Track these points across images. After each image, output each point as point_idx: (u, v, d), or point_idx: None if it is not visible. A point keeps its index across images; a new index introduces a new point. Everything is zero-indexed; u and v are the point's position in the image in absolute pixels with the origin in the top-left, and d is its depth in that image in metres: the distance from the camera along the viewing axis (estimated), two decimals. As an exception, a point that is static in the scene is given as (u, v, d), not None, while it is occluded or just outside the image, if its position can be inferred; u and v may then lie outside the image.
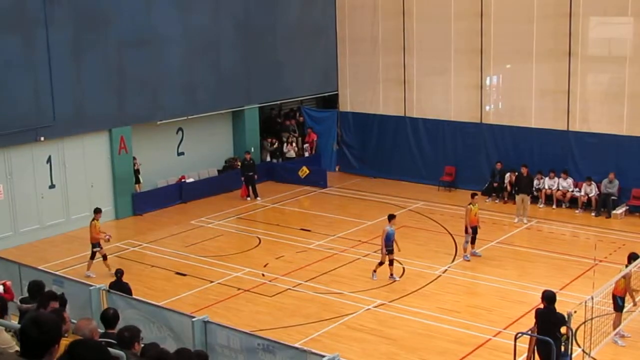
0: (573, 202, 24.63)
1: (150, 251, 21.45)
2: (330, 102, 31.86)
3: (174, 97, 25.85)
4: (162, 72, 25.29)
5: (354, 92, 30.08)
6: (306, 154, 30.60)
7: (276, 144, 30.43)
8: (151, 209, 25.07)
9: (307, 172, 28.18)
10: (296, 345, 12.18)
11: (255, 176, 26.59)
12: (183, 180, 26.56)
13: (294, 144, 30.62)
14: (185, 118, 26.51)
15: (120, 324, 9.15)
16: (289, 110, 32.60)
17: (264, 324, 16.19)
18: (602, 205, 23.93)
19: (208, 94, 26.96)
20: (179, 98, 26.02)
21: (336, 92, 30.58)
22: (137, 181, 25.36)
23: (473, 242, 20.17)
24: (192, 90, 26.35)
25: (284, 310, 17.10)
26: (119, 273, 15.74)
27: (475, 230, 20.04)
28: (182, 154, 27.31)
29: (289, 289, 18.36)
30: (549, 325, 12.31)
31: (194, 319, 11.56)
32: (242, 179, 26.47)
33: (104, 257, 19.32)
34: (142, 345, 8.14)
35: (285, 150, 30.41)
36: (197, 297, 17.96)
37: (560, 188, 24.82)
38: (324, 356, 10.36)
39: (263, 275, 19.25)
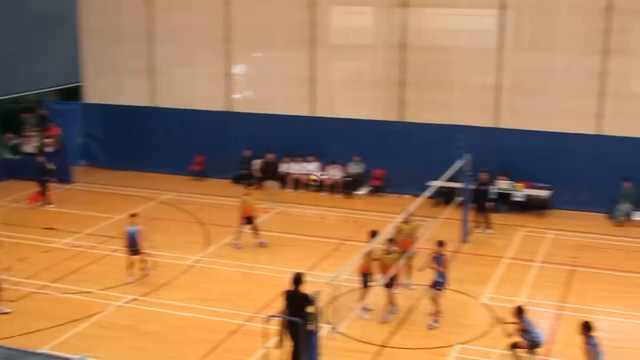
0: (319, 185, 25.58)
1: None
2: (75, 94, 30.49)
3: None
4: None
5: (99, 83, 29.01)
6: (49, 149, 29.04)
7: (17, 139, 28.60)
8: None
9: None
10: (42, 350, 11.54)
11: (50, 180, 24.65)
12: None
13: (32, 139, 28.94)
14: None
15: None
16: (29, 103, 30.78)
17: (6, 332, 15.12)
18: (352, 186, 25.04)
19: None
20: None
21: (80, 84, 29.36)
22: None
23: (255, 230, 20.27)
24: None
25: (30, 315, 16.12)
26: None
27: (250, 220, 20.16)
28: None
29: (34, 292, 17.34)
30: (297, 306, 12.67)
31: None
32: (38, 183, 24.33)
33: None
34: None
35: (23, 145, 28.57)
36: None
37: (307, 172, 25.67)
38: (70, 359, 9.90)
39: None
